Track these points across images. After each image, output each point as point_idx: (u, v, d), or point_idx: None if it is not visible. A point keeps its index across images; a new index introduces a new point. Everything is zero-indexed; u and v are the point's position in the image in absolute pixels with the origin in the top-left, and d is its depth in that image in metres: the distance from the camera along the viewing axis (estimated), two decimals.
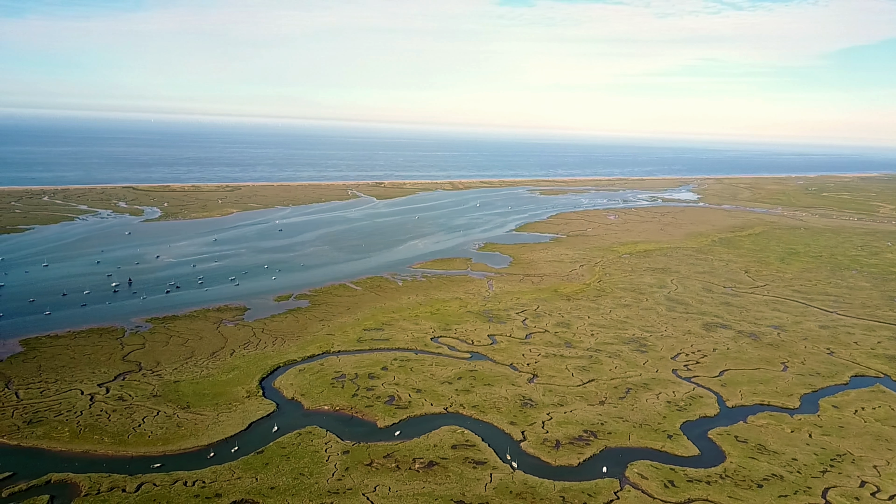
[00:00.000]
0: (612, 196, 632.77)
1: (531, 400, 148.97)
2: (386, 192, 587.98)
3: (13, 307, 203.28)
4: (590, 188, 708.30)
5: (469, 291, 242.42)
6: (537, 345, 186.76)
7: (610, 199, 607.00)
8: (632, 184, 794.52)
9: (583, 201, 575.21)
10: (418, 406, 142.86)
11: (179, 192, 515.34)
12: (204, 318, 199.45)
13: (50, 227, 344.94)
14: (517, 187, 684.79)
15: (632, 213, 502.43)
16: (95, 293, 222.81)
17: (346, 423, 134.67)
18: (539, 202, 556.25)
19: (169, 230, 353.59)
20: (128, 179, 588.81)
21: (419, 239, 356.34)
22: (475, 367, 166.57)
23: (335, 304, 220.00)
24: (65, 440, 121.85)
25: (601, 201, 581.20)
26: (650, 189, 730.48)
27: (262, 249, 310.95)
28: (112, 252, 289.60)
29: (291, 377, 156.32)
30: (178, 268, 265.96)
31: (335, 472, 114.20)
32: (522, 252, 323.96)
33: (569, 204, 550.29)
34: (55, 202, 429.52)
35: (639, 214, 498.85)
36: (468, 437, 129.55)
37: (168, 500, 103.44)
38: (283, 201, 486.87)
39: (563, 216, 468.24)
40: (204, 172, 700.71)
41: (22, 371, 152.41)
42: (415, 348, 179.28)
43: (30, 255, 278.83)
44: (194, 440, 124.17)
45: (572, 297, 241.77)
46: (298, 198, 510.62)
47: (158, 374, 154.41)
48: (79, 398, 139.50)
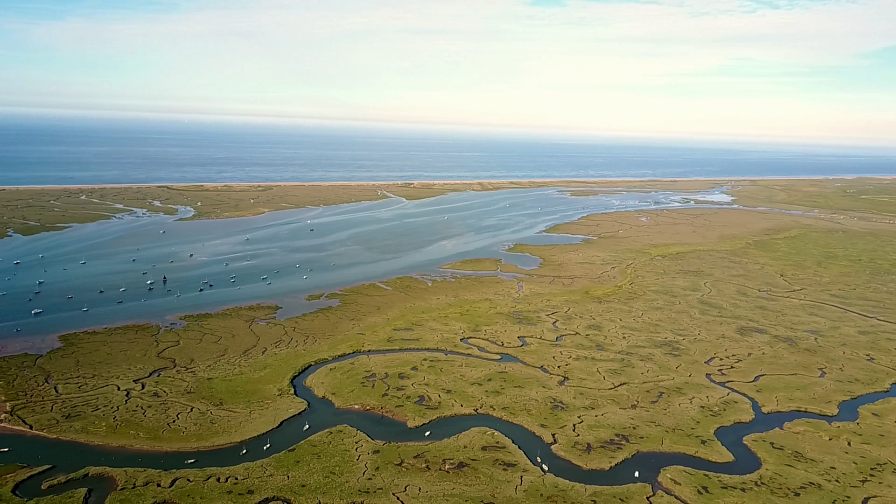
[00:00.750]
0: (644, 197, 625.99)
1: (562, 402, 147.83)
2: (415, 192, 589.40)
3: (53, 303, 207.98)
4: (621, 189, 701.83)
5: (499, 293, 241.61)
6: (568, 347, 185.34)
7: (641, 200, 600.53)
8: (663, 185, 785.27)
9: (614, 202, 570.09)
10: (448, 407, 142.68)
11: (212, 191, 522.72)
12: (236, 316, 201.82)
13: (87, 225, 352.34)
14: (547, 188, 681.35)
15: (664, 215, 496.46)
16: (131, 290, 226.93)
17: (377, 422, 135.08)
18: (569, 203, 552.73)
19: (202, 229, 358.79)
20: (162, 179, 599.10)
21: (448, 239, 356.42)
22: (505, 369, 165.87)
23: (365, 304, 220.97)
24: (102, 434, 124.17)
25: (632, 203, 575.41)
26: (682, 190, 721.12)
27: (293, 249, 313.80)
28: (147, 250, 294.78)
29: (322, 376, 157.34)
30: (211, 266, 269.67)
31: (365, 472, 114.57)
32: (553, 253, 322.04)
33: (599, 205, 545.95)
34: (92, 201, 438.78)
35: (671, 216, 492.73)
36: (498, 439, 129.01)
37: (202, 496, 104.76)
38: (315, 201, 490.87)
39: (593, 217, 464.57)
40: (236, 172, 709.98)
41: (61, 366, 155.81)
42: (444, 349, 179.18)
43: (68, 252, 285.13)
44: (227, 437, 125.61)
45: (603, 299, 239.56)
46: (329, 198, 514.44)
47: (192, 371, 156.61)
48: (115, 393, 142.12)
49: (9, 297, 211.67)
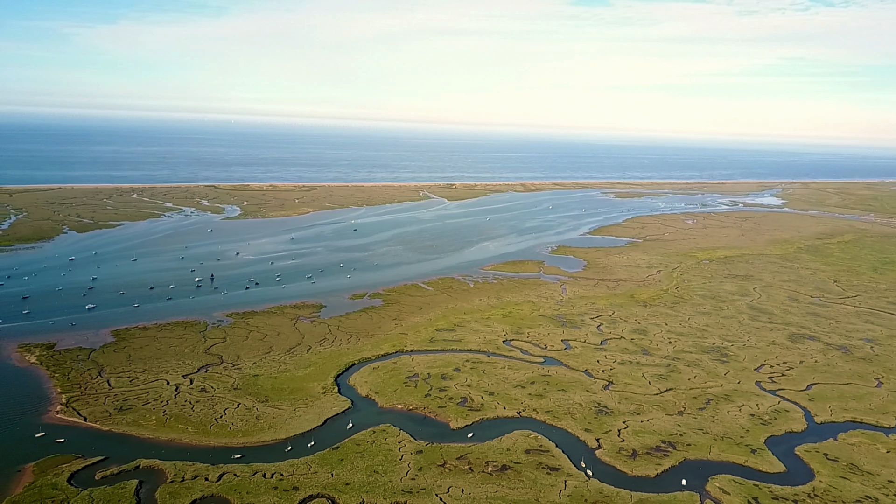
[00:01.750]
0: (690, 200, 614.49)
1: (606, 407, 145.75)
2: (457, 193, 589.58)
3: (105, 299, 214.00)
4: (666, 191, 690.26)
5: (542, 295, 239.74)
6: (613, 351, 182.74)
7: (688, 202, 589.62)
8: (711, 187, 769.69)
9: (659, 205, 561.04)
10: (491, 409, 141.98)
11: (258, 191, 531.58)
12: (282, 314, 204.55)
13: (138, 223, 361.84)
14: (590, 189, 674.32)
15: (711, 218, 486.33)
16: (180, 287, 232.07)
17: (420, 422, 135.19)
18: (613, 205, 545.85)
19: (248, 228, 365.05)
20: (210, 178, 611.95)
21: (490, 241, 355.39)
22: (548, 372, 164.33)
23: (408, 304, 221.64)
24: (152, 428, 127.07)
25: (678, 205, 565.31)
26: (730, 193, 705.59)
27: (337, 248, 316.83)
28: (195, 248, 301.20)
29: (366, 375, 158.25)
30: (257, 265, 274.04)
31: (409, 472, 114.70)
32: (597, 256, 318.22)
33: (644, 207, 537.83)
34: (143, 199, 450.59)
35: (719, 219, 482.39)
36: (541, 443, 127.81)
37: (248, 491, 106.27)
38: (358, 202, 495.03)
39: (638, 220, 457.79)
40: (281, 172, 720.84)
41: (113, 360, 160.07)
42: (487, 350, 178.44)
43: (120, 249, 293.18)
44: (272, 433, 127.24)
45: (649, 303, 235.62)
46: (372, 198, 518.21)
47: (239, 368, 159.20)
48: (165, 388, 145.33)
49: (64, 293, 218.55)
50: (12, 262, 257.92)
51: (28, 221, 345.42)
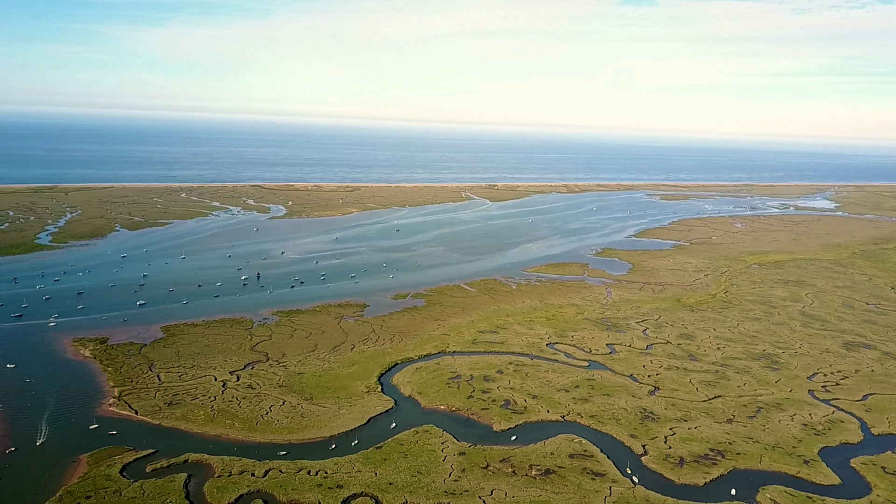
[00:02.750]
0: (739, 202, 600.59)
1: (652, 413, 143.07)
2: (499, 194, 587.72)
3: (155, 295, 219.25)
4: (714, 194, 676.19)
5: (586, 298, 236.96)
6: (659, 356, 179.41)
7: (736, 205, 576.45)
8: (760, 190, 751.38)
9: (706, 207, 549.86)
10: (534, 412, 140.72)
11: (303, 191, 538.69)
12: (326, 312, 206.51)
13: (187, 221, 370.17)
14: (635, 191, 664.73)
15: (761, 221, 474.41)
16: (227, 285, 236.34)
17: (462, 424, 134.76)
18: (659, 207, 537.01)
19: (293, 227, 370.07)
20: (255, 178, 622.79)
21: (533, 242, 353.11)
22: (593, 376, 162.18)
23: (450, 305, 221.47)
24: (200, 423, 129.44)
25: (726, 208, 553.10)
26: (781, 196, 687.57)
27: (380, 248, 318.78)
28: (241, 247, 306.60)
29: (409, 375, 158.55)
30: (301, 264, 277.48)
31: (452, 473, 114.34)
32: (642, 259, 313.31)
33: (691, 210, 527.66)
34: (191, 199, 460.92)
35: (768, 222, 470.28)
36: (586, 447, 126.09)
37: (293, 488, 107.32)
38: (400, 202, 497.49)
39: (685, 222, 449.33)
40: (325, 173, 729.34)
41: (163, 355, 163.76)
42: (530, 353, 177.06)
43: (169, 247, 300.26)
44: (317, 431, 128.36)
45: (696, 307, 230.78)
46: (414, 199, 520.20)
47: (284, 365, 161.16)
48: (212, 384, 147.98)
49: (117, 289, 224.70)
50: (68, 259, 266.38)
51: (82, 219, 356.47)
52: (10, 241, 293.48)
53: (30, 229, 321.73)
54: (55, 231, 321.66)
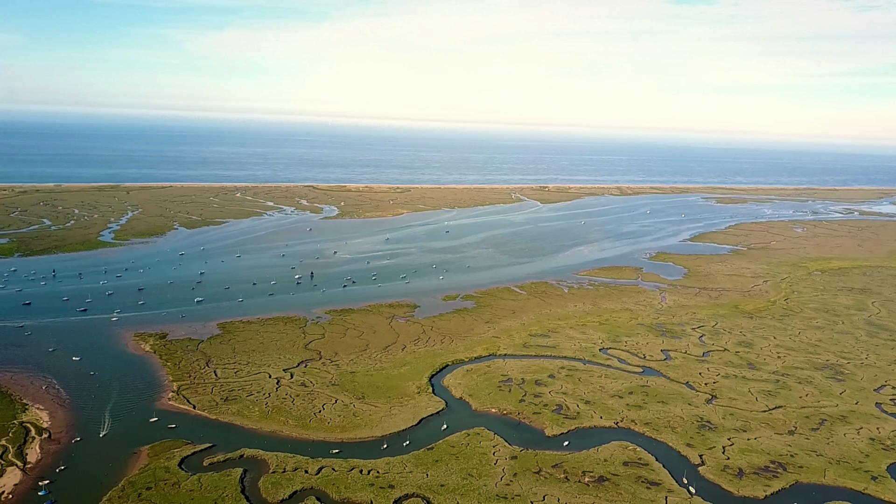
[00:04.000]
0: (800, 207, 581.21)
1: (710, 422, 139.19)
2: (550, 196, 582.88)
3: (212, 293, 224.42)
4: (773, 197, 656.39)
5: (640, 302, 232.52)
6: (716, 364, 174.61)
7: (797, 209, 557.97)
8: (822, 194, 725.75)
9: (765, 211, 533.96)
10: (587, 418, 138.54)
11: (354, 192, 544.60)
12: (377, 312, 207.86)
13: (242, 221, 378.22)
14: (690, 194, 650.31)
15: (823, 226, 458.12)
16: (281, 284, 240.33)
17: (514, 427, 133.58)
18: (715, 211, 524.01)
19: (345, 228, 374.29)
20: (308, 179, 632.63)
21: (585, 245, 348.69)
22: (647, 383, 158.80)
23: (500, 307, 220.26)
24: (255, 419, 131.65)
25: (786, 212, 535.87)
26: (844, 200, 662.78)
27: (430, 249, 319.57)
28: (295, 246, 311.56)
29: (459, 377, 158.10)
30: (353, 264, 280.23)
31: (503, 477, 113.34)
32: (698, 264, 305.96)
33: (749, 214, 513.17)
34: (246, 198, 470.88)
35: (831, 227, 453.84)
36: (640, 455, 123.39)
37: (345, 486, 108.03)
38: (450, 203, 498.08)
39: (742, 227, 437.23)
40: (377, 174, 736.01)
41: (219, 351, 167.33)
42: (583, 358, 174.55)
43: (225, 246, 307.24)
44: (369, 430, 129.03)
45: (755, 314, 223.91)
46: (464, 200, 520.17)
47: (336, 364, 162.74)
48: (267, 381, 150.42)
49: (175, 286, 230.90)
50: (129, 256, 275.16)
51: (143, 217, 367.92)
52: (76, 238, 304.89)
53: (93, 227, 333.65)
54: (117, 229, 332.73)
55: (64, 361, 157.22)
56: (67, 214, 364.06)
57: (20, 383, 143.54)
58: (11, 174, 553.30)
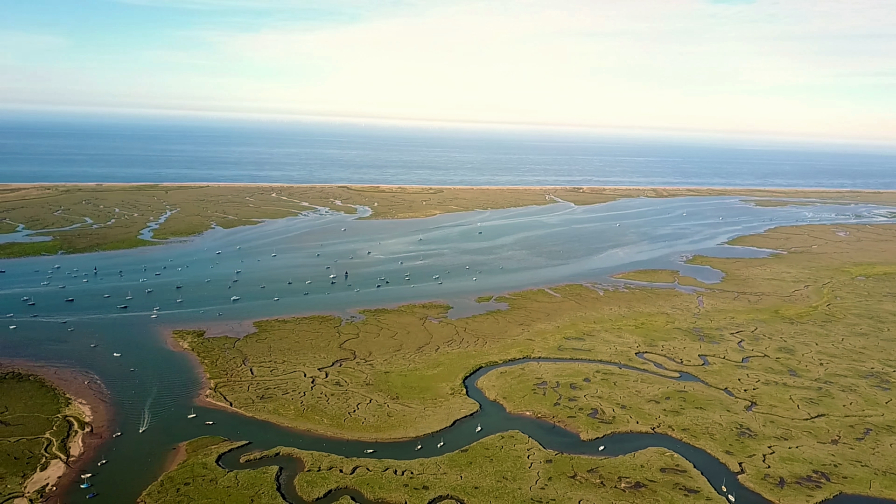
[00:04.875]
0: (842, 210, 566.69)
1: (749, 430, 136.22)
2: (584, 197, 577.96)
3: (248, 291, 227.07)
4: (813, 200, 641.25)
5: (676, 306, 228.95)
6: (755, 370, 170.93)
7: (839, 213, 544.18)
8: (865, 197, 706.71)
9: (806, 214, 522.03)
10: (623, 422, 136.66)
11: (387, 192, 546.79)
12: (411, 313, 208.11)
13: (277, 220, 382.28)
14: (728, 197, 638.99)
15: (867, 230, 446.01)
16: (316, 283, 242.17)
17: (549, 431, 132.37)
18: (754, 213, 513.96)
19: (379, 228, 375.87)
20: (342, 179, 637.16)
21: (620, 247, 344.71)
22: (685, 388, 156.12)
23: (534, 310, 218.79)
24: (290, 417, 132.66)
25: (828, 215, 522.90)
26: (890, 203, 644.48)
27: (463, 250, 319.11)
28: (330, 246, 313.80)
29: (493, 379, 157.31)
30: (387, 264, 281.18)
31: (538, 480, 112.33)
32: (736, 267, 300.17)
33: (789, 217, 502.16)
34: (281, 198, 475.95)
35: (875, 232, 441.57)
36: (678, 462, 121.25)
37: (380, 486, 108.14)
38: (483, 204, 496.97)
39: (782, 230, 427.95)
40: (410, 175, 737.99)
41: (255, 350, 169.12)
42: (618, 362, 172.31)
43: (261, 245, 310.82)
44: (403, 431, 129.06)
45: (796, 320, 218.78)
46: (497, 201, 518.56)
47: (370, 364, 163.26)
48: (302, 379, 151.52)
49: (212, 284, 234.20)
50: (167, 254, 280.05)
51: (181, 216, 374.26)
52: (116, 236, 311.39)
53: (133, 225, 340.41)
54: (156, 227, 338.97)
55: (105, 357, 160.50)
56: (108, 213, 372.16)
57: (64, 378, 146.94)
58: (55, 173, 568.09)
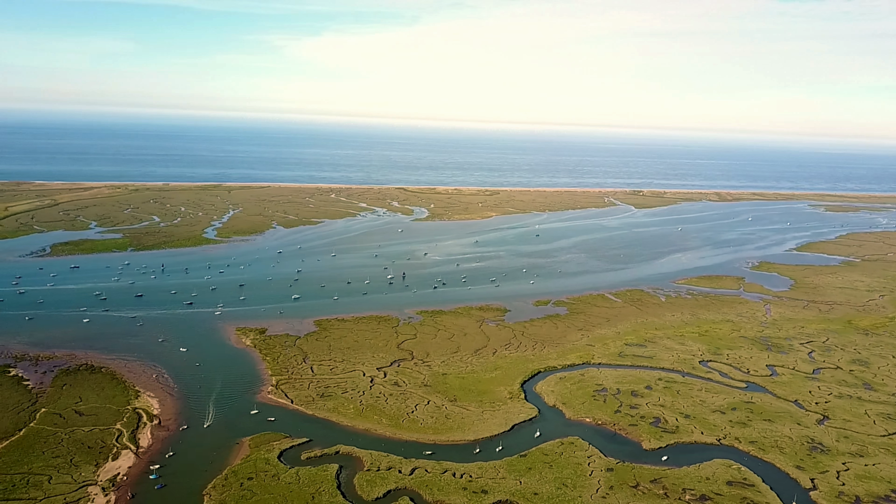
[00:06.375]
0: None
1: (821, 444, 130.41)
2: (644, 200, 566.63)
3: (309, 290, 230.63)
4: (889, 206, 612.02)
5: (742, 314, 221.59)
6: (827, 382, 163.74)
7: None
8: None
9: (880, 221, 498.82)
10: (687, 433, 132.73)
11: (444, 194, 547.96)
12: (468, 315, 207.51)
13: (337, 221, 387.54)
14: (796, 201, 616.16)
15: None
16: (374, 283, 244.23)
17: (609, 438, 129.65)
18: (824, 219, 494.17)
19: (435, 230, 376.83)
20: (400, 181, 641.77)
21: (682, 252, 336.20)
22: (752, 399, 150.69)
23: (594, 315, 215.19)
24: (350, 416, 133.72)
25: None
26: None
27: (520, 253, 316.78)
28: (387, 247, 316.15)
29: (552, 384, 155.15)
30: (443, 266, 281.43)
31: (599, 489, 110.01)
32: (806, 275, 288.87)
33: (862, 223, 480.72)
34: (340, 199, 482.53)
35: None
36: (745, 475, 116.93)
37: (439, 488, 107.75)
38: (540, 207, 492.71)
39: (855, 237, 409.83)
40: (466, 177, 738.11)
41: (315, 348, 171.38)
42: (681, 370, 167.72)
43: (321, 245, 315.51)
44: (461, 434, 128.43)
45: (871, 331, 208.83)
46: (554, 204, 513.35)
47: (428, 365, 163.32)
48: (361, 379, 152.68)
49: (274, 283, 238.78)
50: (231, 252, 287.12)
51: (243, 216, 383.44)
52: (182, 234, 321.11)
53: (198, 224, 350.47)
54: (220, 226, 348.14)
55: (172, 352, 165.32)
56: (174, 212, 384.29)
57: (133, 371, 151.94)
58: (125, 173, 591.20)
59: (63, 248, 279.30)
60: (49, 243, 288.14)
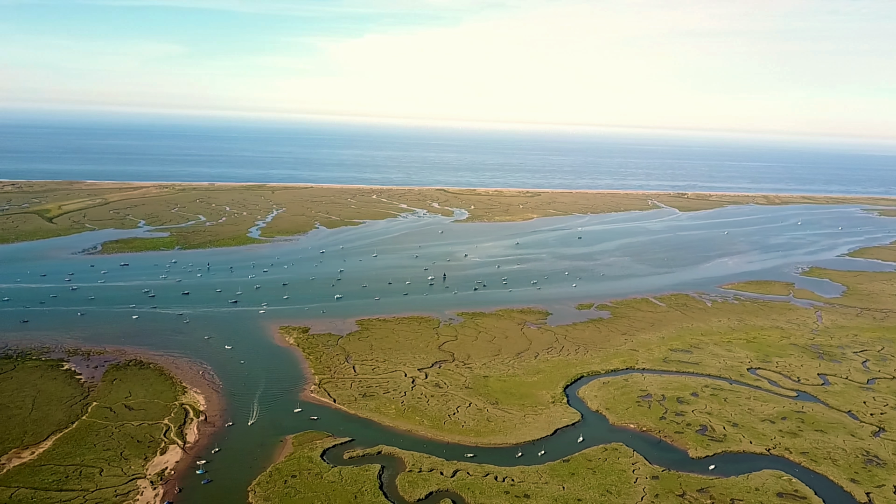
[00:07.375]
0: None
1: (877, 457, 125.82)
2: (689, 203, 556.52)
3: (350, 290, 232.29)
4: None
5: (791, 321, 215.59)
6: (883, 393, 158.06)
7: None
8: None
9: None
10: (735, 441, 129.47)
11: (484, 195, 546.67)
12: (509, 317, 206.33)
13: (378, 222, 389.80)
14: (848, 205, 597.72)
15: None
16: (415, 284, 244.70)
17: (654, 446, 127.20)
18: (878, 224, 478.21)
19: (475, 231, 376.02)
20: (440, 182, 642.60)
21: (729, 257, 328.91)
22: (803, 408, 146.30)
23: (637, 319, 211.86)
24: (391, 416, 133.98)
25: None
26: None
27: (561, 256, 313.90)
28: (427, 248, 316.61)
29: (595, 389, 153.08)
30: (484, 267, 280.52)
31: (644, 497, 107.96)
32: (859, 281, 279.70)
33: None
34: (381, 200, 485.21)
35: None
36: (797, 487, 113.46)
37: (481, 492, 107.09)
38: (582, 209, 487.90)
39: None
40: (506, 178, 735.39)
41: (357, 348, 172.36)
42: (728, 377, 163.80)
43: (363, 245, 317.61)
44: (503, 437, 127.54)
45: None
46: (597, 206, 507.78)
47: (469, 367, 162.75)
48: (402, 379, 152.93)
49: (317, 282, 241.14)
50: (274, 252, 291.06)
51: (286, 216, 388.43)
52: (227, 233, 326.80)
53: (243, 223, 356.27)
54: (263, 226, 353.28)
55: (218, 349, 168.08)
56: (220, 211, 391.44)
57: (181, 367, 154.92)
58: (172, 173, 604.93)
59: (113, 246, 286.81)
60: (100, 241, 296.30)
